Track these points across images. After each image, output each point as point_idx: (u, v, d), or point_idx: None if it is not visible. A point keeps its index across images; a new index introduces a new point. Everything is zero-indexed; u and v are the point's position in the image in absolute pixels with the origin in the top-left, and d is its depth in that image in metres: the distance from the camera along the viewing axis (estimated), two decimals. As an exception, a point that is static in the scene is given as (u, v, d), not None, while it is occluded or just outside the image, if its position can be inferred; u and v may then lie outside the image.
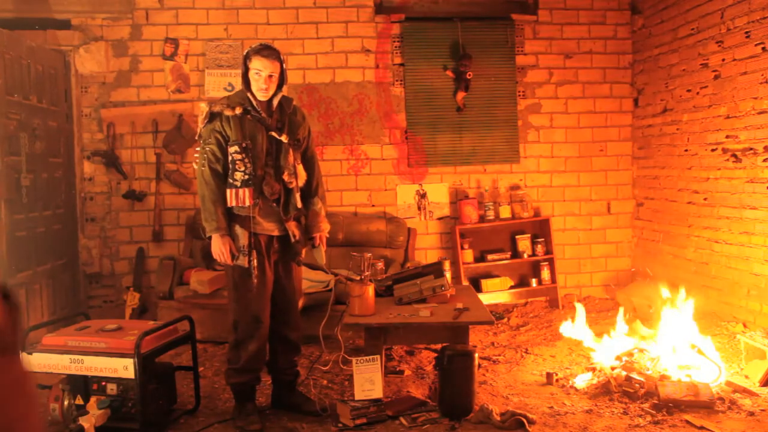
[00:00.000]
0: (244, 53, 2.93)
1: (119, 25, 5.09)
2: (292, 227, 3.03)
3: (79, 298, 4.99)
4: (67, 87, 5.02)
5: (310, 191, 3.12)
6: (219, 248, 2.85)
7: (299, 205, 3.03)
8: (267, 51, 2.87)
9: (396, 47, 5.27)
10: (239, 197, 2.85)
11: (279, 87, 2.95)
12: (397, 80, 5.29)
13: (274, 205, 2.95)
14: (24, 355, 2.81)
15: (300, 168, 3.05)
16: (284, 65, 2.96)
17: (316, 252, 3.17)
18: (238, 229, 2.89)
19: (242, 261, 2.88)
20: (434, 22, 5.28)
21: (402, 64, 5.29)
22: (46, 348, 2.84)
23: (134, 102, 5.12)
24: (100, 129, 5.10)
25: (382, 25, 5.26)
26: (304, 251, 3.12)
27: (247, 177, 2.85)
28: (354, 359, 3.04)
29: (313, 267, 4.35)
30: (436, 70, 5.28)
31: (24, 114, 4.37)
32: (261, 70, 2.86)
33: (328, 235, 3.21)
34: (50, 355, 2.81)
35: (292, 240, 3.01)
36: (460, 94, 5.23)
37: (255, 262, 2.88)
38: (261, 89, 2.89)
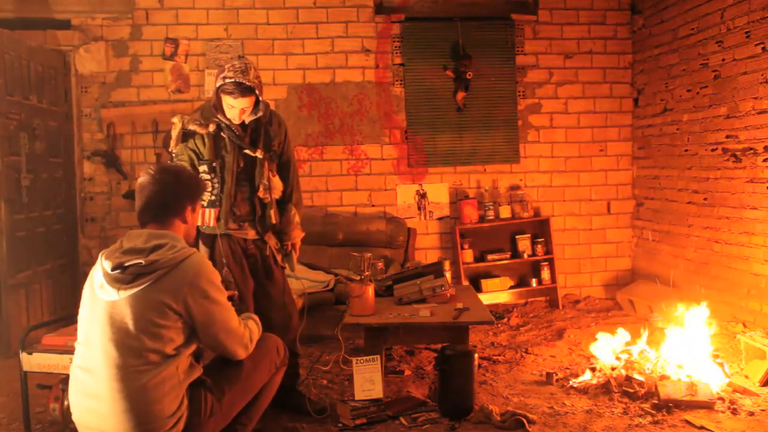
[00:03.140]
0: (216, 84, 2.79)
1: (119, 25, 5.09)
2: (271, 240, 3.03)
3: (79, 298, 4.98)
4: (67, 87, 5.02)
5: (284, 197, 3.08)
6: None
7: (274, 220, 3.00)
8: (237, 93, 2.76)
9: (396, 47, 5.28)
10: (204, 217, 2.83)
11: (255, 111, 2.89)
12: (397, 80, 5.29)
13: (247, 224, 2.95)
14: (24, 355, 2.81)
15: (275, 180, 3.00)
16: (261, 95, 2.86)
17: (287, 259, 3.15)
18: (201, 247, 2.88)
19: None
20: (434, 22, 5.28)
21: (402, 64, 5.29)
22: (46, 348, 2.84)
23: (134, 102, 5.12)
24: (100, 129, 5.10)
25: (382, 25, 5.26)
26: (280, 257, 3.10)
27: (213, 197, 2.84)
28: (354, 359, 3.04)
29: (313, 267, 4.35)
30: (436, 70, 5.28)
31: (24, 114, 4.37)
32: (233, 106, 2.81)
33: (300, 243, 3.19)
34: (50, 355, 2.80)
35: (267, 252, 3.01)
36: (460, 94, 5.24)
37: (229, 278, 2.84)
38: (234, 117, 2.86)
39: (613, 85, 5.47)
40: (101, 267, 2.09)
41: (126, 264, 2.04)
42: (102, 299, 2.07)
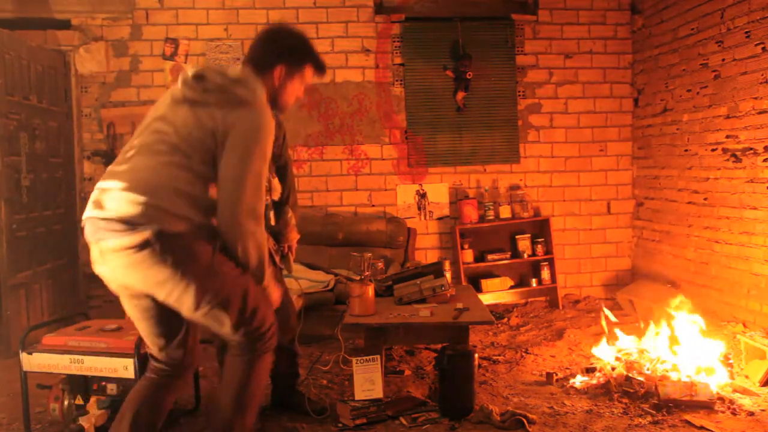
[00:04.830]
0: None
1: (119, 25, 5.09)
2: (269, 242, 3.03)
3: (79, 298, 5.00)
4: (67, 87, 5.02)
5: (281, 199, 3.08)
6: None
7: (273, 222, 3.01)
8: None
9: (396, 47, 5.28)
10: None
11: None
12: (397, 80, 5.29)
13: None
14: (24, 355, 2.81)
15: (275, 182, 3.01)
16: None
17: (284, 261, 3.16)
18: None
19: None
20: (434, 22, 5.28)
21: (402, 64, 5.29)
22: (46, 348, 2.84)
23: (134, 102, 5.13)
24: (100, 129, 5.10)
25: (382, 25, 5.26)
26: (278, 259, 3.11)
27: None
28: (354, 359, 3.04)
29: (313, 267, 4.35)
30: (436, 70, 5.28)
31: (24, 114, 4.37)
32: None
33: (296, 245, 3.19)
34: (50, 355, 2.81)
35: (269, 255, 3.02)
36: (460, 94, 5.24)
37: None
38: None
39: (613, 85, 5.47)
40: (182, 74, 2.13)
41: (205, 75, 2.07)
42: (168, 100, 2.12)
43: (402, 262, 4.92)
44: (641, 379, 3.17)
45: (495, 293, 5.23)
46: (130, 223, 1.94)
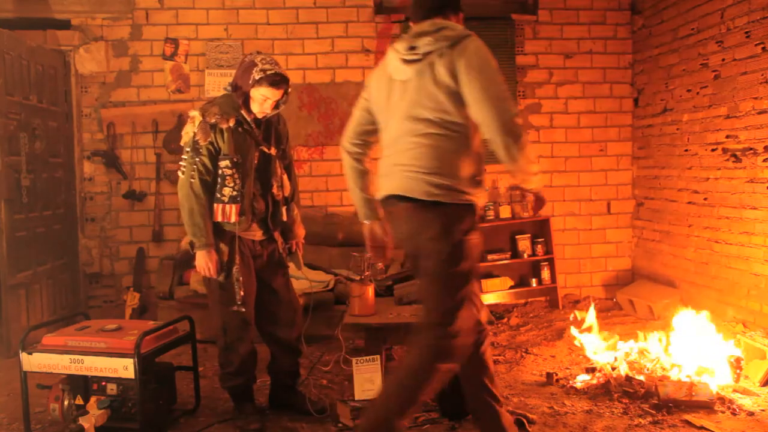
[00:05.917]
0: (255, 77, 2.77)
1: (119, 25, 5.09)
2: (279, 239, 3.04)
3: (79, 298, 4.99)
4: (67, 87, 5.02)
5: (287, 197, 3.10)
6: (206, 263, 2.82)
7: (284, 218, 3.03)
8: (280, 83, 2.79)
9: (396, 47, 5.27)
10: (226, 213, 2.82)
11: (276, 106, 2.92)
12: (397, 80, 5.29)
13: (255, 224, 2.95)
14: (24, 355, 2.81)
15: (285, 178, 3.04)
16: (289, 90, 2.91)
17: (293, 258, 3.16)
18: (221, 245, 2.87)
19: (221, 277, 2.87)
20: (434, 22, 5.27)
21: (402, 64, 5.28)
22: (46, 348, 2.84)
23: (134, 102, 5.13)
24: (100, 129, 5.10)
25: (382, 25, 5.26)
26: (285, 256, 3.11)
27: (235, 193, 2.82)
28: (354, 359, 3.05)
29: (313, 267, 4.35)
30: (436, 70, 5.27)
31: (24, 114, 4.37)
32: (269, 97, 2.82)
33: (303, 241, 3.20)
34: (50, 355, 2.80)
35: (275, 250, 3.03)
36: (460, 94, 5.23)
37: (239, 276, 2.85)
38: (263, 112, 2.87)
39: (613, 85, 5.47)
40: (394, 52, 2.34)
41: (416, 45, 2.25)
42: (398, 81, 2.33)
43: (402, 262, 4.92)
44: (641, 379, 3.18)
45: (495, 293, 5.23)
46: (415, 193, 2.26)
